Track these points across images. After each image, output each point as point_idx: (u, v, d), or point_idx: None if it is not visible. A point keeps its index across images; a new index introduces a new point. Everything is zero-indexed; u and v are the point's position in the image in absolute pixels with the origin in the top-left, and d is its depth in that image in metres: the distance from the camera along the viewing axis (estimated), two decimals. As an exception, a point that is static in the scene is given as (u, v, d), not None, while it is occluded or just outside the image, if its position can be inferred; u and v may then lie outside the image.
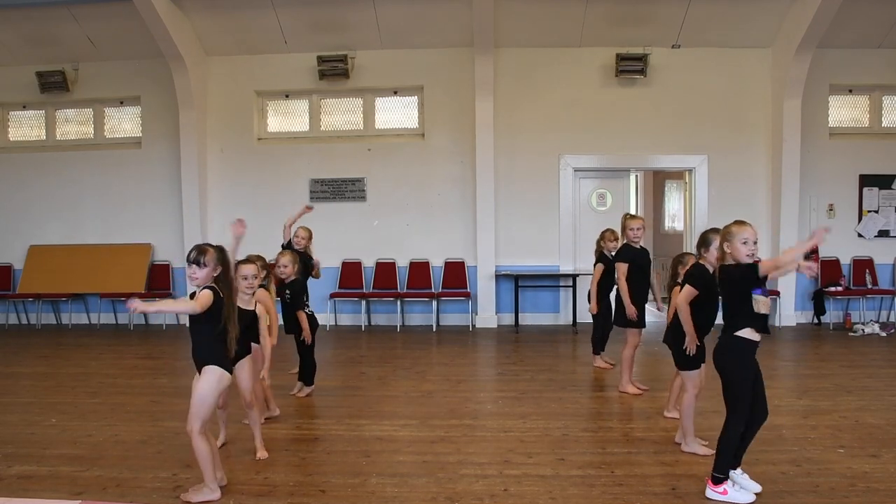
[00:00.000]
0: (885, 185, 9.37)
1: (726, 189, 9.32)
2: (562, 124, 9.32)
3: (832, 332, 8.63)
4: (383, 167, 9.58)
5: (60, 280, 9.64)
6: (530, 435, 4.31)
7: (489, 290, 9.30)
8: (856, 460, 3.77)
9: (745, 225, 3.23)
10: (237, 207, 9.69)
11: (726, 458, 3.21)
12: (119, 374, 6.38)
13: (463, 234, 9.53)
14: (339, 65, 9.28)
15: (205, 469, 3.17)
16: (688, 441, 3.93)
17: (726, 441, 3.21)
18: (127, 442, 4.23)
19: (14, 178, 10.00)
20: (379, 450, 4.06)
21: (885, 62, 9.21)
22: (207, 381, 3.17)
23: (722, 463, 3.21)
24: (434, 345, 8.11)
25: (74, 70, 9.78)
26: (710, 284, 3.69)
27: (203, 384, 3.17)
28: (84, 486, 3.48)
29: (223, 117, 9.72)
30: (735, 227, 3.23)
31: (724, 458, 3.21)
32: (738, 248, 3.18)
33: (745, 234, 3.19)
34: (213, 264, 3.16)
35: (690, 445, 3.91)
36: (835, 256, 9.31)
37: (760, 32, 9.00)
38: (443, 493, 3.36)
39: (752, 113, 9.29)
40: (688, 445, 3.92)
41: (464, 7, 8.62)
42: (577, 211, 9.55)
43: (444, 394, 5.48)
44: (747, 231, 3.20)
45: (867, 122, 9.53)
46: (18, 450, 4.07)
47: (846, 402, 5.04)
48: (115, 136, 10.10)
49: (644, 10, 8.75)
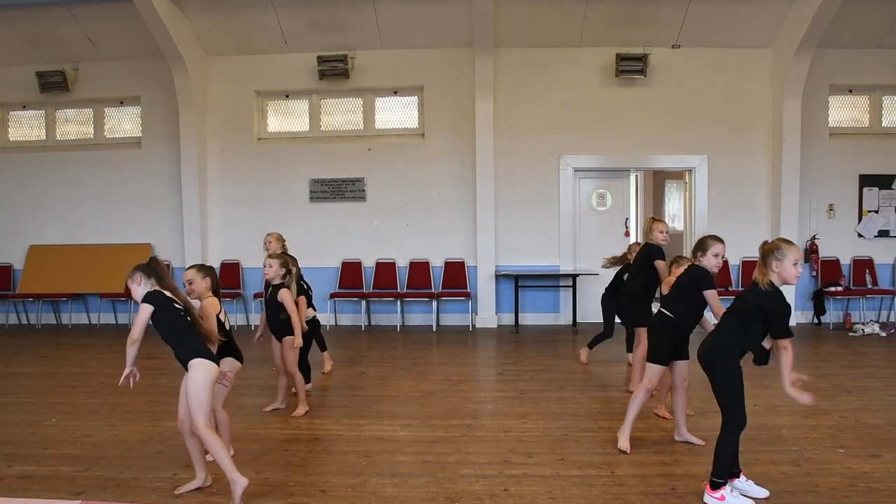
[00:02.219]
0: (885, 185, 9.37)
1: (726, 189, 9.32)
2: (562, 124, 9.33)
3: (832, 332, 8.63)
4: (383, 167, 9.58)
5: (60, 280, 9.64)
6: (530, 435, 4.31)
7: (489, 290, 9.30)
8: (856, 460, 3.77)
9: (792, 245, 3.11)
10: (237, 207, 9.74)
11: (723, 463, 3.18)
12: (119, 374, 6.34)
13: (463, 234, 9.53)
14: (339, 65, 9.28)
15: (221, 461, 3.17)
16: (623, 430, 4.01)
17: (722, 446, 3.18)
18: (127, 442, 4.23)
19: (14, 178, 10.00)
20: (379, 450, 4.06)
21: (885, 62, 9.22)
22: (194, 377, 3.21)
23: (719, 468, 3.18)
24: (434, 345, 8.11)
25: (74, 70, 9.78)
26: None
27: (192, 382, 3.21)
28: (84, 486, 3.48)
29: (223, 117, 9.73)
30: (786, 245, 3.09)
31: (721, 463, 3.18)
32: (788, 269, 3.06)
33: (795, 254, 3.06)
34: (140, 278, 3.34)
35: (622, 432, 4.01)
36: (835, 256, 9.31)
37: (760, 32, 9.00)
38: (443, 493, 3.36)
39: (752, 113, 9.29)
40: (622, 434, 4.01)
41: (464, 7, 8.62)
42: (577, 211, 9.56)
43: (444, 394, 5.48)
44: (795, 251, 3.07)
45: (867, 122, 9.53)
46: (18, 450, 4.07)
47: (846, 402, 5.05)
48: (115, 136, 10.10)
49: (644, 10, 8.75)
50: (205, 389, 3.20)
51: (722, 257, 3.82)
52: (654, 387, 4.05)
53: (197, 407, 3.17)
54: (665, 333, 3.93)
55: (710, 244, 3.81)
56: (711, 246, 3.80)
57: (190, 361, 3.23)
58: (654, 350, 3.96)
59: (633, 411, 4.00)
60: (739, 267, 9.37)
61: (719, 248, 3.78)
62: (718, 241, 3.82)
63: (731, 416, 3.18)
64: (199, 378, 3.20)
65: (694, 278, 3.83)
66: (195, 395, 3.18)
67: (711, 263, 3.79)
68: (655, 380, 3.99)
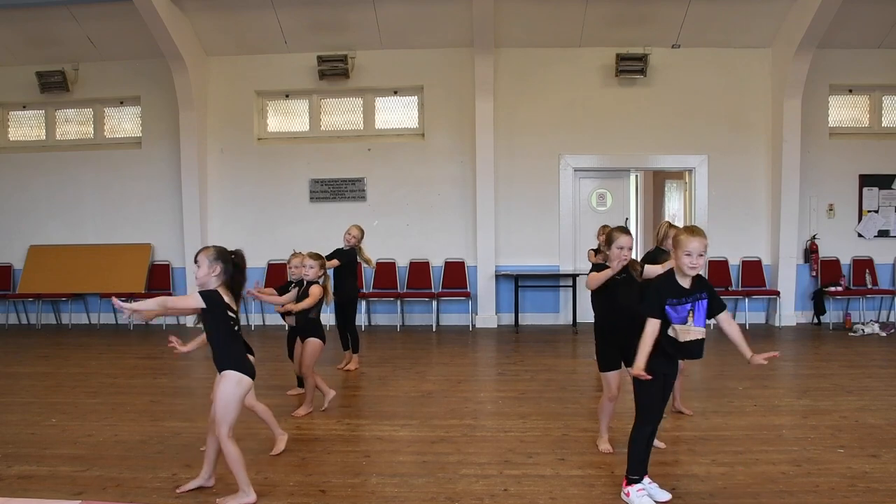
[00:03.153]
0: (885, 185, 9.37)
1: (726, 189, 9.32)
2: (562, 124, 9.33)
3: (832, 332, 8.63)
4: (383, 167, 9.58)
5: (60, 280, 9.64)
6: (530, 435, 4.31)
7: (489, 290, 9.31)
8: (856, 460, 3.76)
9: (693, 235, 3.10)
10: (237, 207, 9.74)
11: (633, 460, 3.23)
12: (119, 374, 6.38)
13: (463, 234, 9.53)
14: (339, 65, 9.28)
15: (237, 473, 3.18)
16: (601, 436, 4.06)
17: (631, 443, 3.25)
18: (127, 442, 4.23)
19: (14, 178, 10.00)
20: (379, 450, 4.06)
21: (885, 62, 9.22)
22: (225, 388, 3.18)
23: (631, 465, 3.24)
24: (434, 345, 8.11)
25: (74, 70, 9.78)
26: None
27: (222, 391, 3.19)
28: (84, 486, 3.48)
29: (223, 117, 9.73)
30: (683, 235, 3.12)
31: (632, 460, 3.23)
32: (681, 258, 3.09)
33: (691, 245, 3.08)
34: (218, 269, 3.18)
35: (600, 437, 4.06)
36: (835, 256, 9.31)
37: (760, 32, 9.00)
38: (443, 493, 3.36)
39: (752, 113, 9.29)
40: (601, 439, 4.06)
41: (464, 7, 8.62)
42: (577, 211, 9.56)
43: (444, 394, 5.48)
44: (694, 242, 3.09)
45: (867, 122, 9.54)
46: (18, 450, 4.07)
47: (846, 402, 5.04)
48: (115, 136, 10.10)
49: (644, 10, 8.75)
50: (234, 402, 3.18)
51: (628, 249, 3.70)
52: (612, 395, 3.99)
53: (222, 417, 3.16)
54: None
55: (616, 236, 3.76)
56: (616, 238, 3.74)
57: (225, 371, 3.20)
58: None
59: (603, 421, 4.06)
60: (739, 267, 9.37)
61: (623, 240, 3.70)
62: (624, 232, 3.75)
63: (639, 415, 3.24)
64: (230, 391, 3.18)
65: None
66: (223, 406, 3.17)
67: (614, 255, 3.72)
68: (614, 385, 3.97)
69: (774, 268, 9.25)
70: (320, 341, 4.84)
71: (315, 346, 4.80)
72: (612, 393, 3.94)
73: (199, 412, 4.98)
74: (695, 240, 3.03)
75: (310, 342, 4.82)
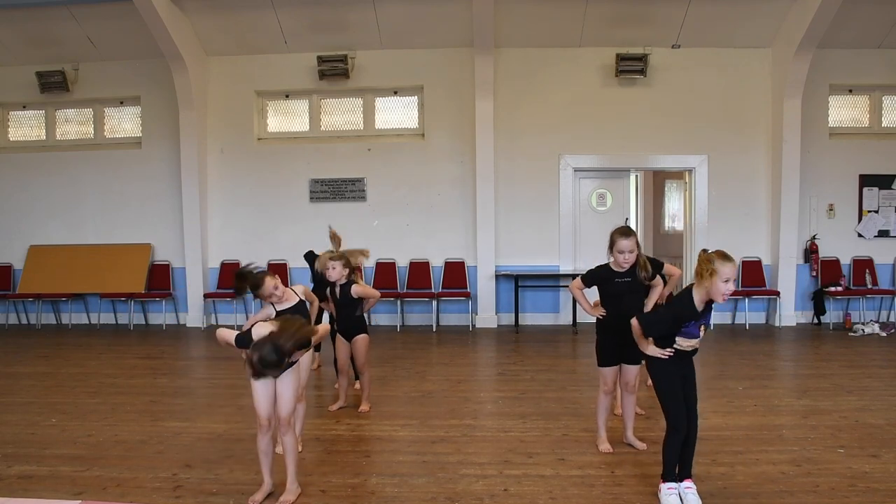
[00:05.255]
0: (885, 185, 9.37)
1: (726, 189, 9.32)
2: (562, 124, 9.33)
3: (832, 332, 8.63)
4: (383, 167, 9.58)
5: (60, 280, 9.64)
6: (530, 435, 4.31)
7: (489, 290, 9.30)
8: (856, 460, 3.77)
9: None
10: (237, 207, 9.74)
11: (664, 464, 3.25)
12: (119, 374, 6.38)
13: (463, 234, 9.53)
14: (339, 65, 9.28)
15: (291, 465, 3.31)
16: (599, 435, 4.07)
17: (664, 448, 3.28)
18: (127, 442, 4.23)
19: (14, 178, 9.99)
20: (379, 450, 4.07)
21: (885, 62, 9.21)
22: (292, 382, 3.31)
23: (663, 467, 3.26)
24: (434, 345, 8.11)
25: (74, 70, 9.78)
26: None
27: (292, 385, 3.30)
28: (84, 486, 3.48)
29: (223, 117, 9.72)
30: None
31: (664, 464, 3.25)
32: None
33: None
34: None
35: (598, 437, 4.07)
36: (835, 256, 9.31)
37: (760, 32, 9.00)
38: (443, 493, 3.36)
39: (752, 113, 9.29)
40: (599, 438, 4.06)
41: (464, 7, 8.62)
42: (577, 211, 9.56)
43: (444, 394, 5.48)
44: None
45: (867, 122, 9.53)
46: (18, 450, 4.07)
47: (846, 402, 5.04)
48: (115, 136, 10.10)
49: (644, 10, 8.75)
50: (296, 393, 3.37)
51: (629, 252, 3.73)
52: (608, 389, 4.05)
53: (287, 410, 3.27)
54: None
55: (615, 239, 3.79)
56: (615, 242, 3.78)
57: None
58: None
59: (601, 419, 4.06)
60: (739, 267, 9.37)
61: (623, 244, 3.73)
62: (623, 235, 3.76)
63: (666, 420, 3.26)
64: (295, 385, 3.33)
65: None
66: (290, 400, 3.28)
67: (616, 259, 3.81)
68: (608, 380, 4.03)
69: (774, 268, 9.25)
70: (367, 335, 5.00)
71: (365, 341, 4.95)
72: (607, 386, 4.01)
73: (200, 412, 4.99)
74: (729, 264, 3.00)
75: (359, 339, 4.93)
